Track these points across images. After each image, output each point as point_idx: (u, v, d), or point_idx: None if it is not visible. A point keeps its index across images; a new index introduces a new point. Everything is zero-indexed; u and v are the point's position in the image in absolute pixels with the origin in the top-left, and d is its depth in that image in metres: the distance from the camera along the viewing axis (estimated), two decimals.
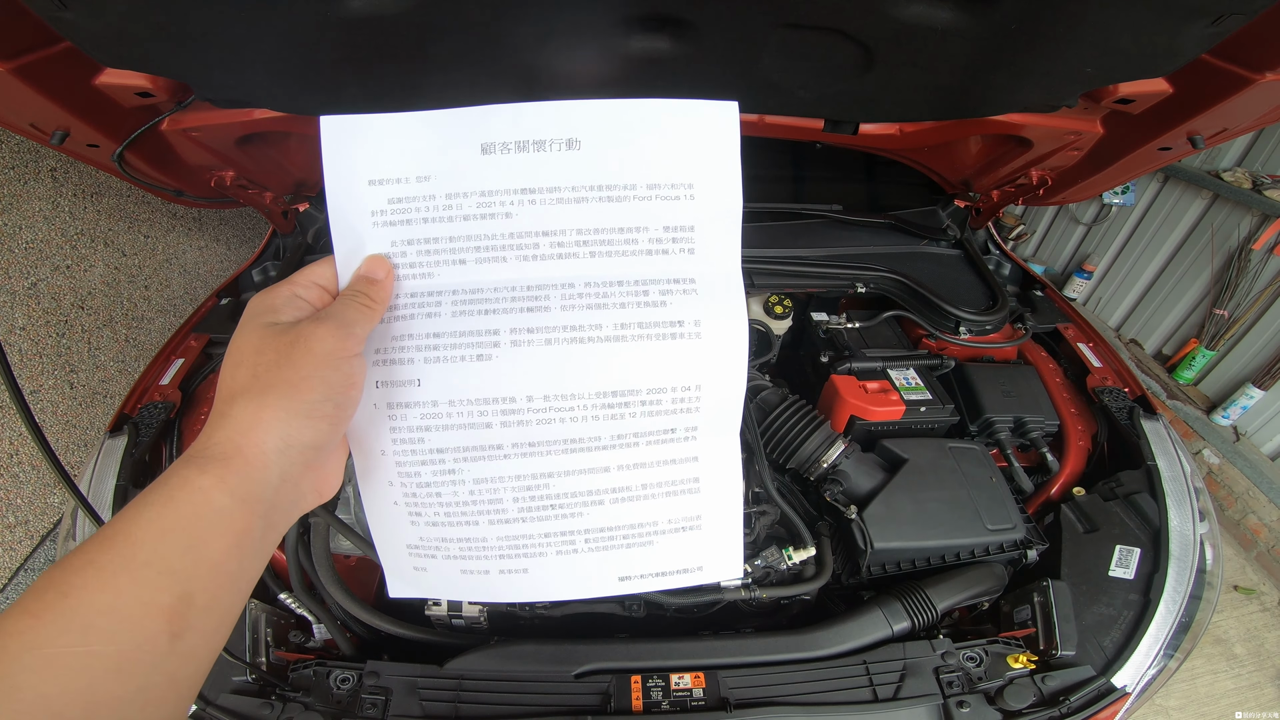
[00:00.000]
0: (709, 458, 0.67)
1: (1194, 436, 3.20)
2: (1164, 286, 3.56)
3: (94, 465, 1.43)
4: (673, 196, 0.63)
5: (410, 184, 0.60)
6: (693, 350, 0.63)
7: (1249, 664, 2.57)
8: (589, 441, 0.63)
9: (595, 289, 0.61)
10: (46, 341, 2.08)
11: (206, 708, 1.11)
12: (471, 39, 1.18)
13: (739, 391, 0.65)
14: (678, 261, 0.63)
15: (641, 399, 0.63)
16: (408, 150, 0.60)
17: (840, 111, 1.49)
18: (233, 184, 1.63)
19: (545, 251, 0.61)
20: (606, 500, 0.65)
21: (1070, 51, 1.14)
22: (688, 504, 0.68)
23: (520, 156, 0.60)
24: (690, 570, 0.69)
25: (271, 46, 1.12)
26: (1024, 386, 1.68)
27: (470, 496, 0.62)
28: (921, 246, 2.03)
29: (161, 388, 1.61)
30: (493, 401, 0.60)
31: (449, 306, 0.60)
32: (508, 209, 0.60)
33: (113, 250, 2.34)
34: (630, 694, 1.13)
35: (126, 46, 1.10)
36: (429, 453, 0.60)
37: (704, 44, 1.18)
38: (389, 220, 0.60)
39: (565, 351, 0.60)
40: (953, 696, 1.13)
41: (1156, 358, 3.61)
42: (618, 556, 0.68)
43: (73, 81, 1.16)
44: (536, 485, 0.63)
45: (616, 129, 0.62)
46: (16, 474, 1.98)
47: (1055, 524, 1.44)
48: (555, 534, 0.66)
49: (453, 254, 0.60)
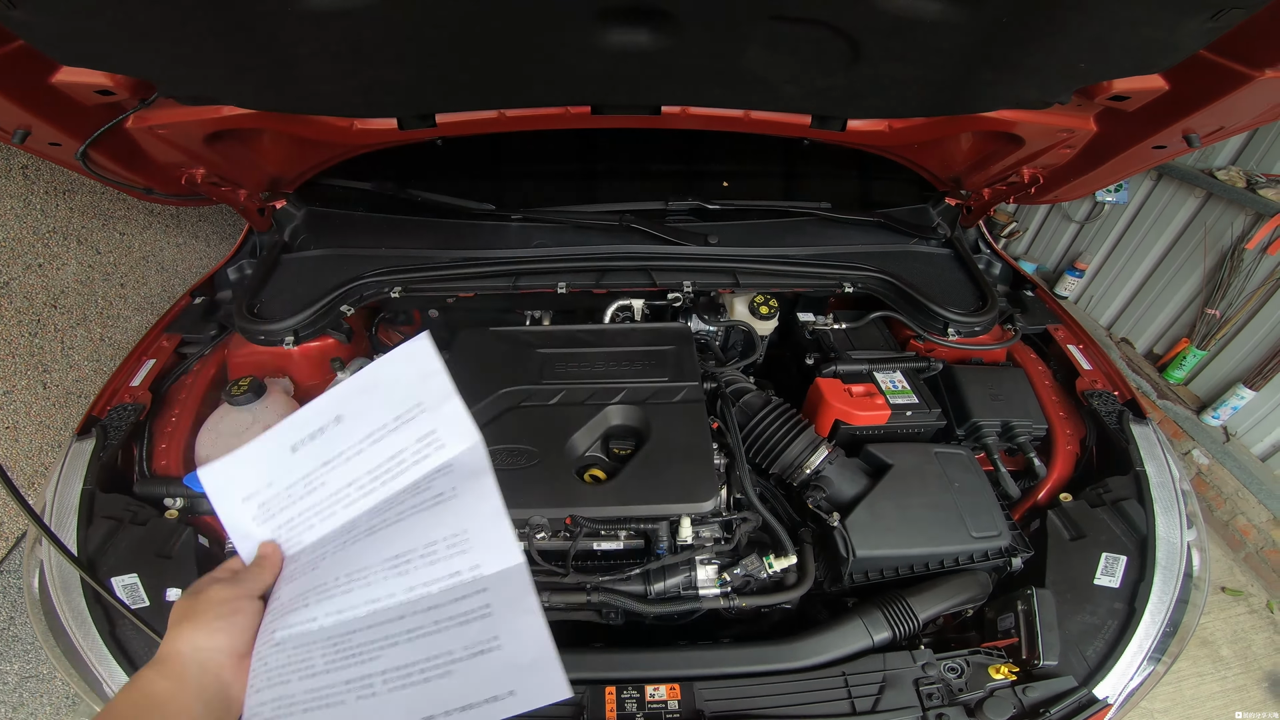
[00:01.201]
0: (495, 584, 0.76)
1: (1184, 437, 3.19)
2: (1156, 285, 3.55)
3: (60, 469, 1.40)
4: (410, 418, 0.87)
5: (264, 491, 0.88)
6: (451, 507, 0.81)
7: (1235, 666, 2.57)
8: (383, 596, 0.78)
9: (384, 506, 0.86)
10: (19, 341, 2.03)
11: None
12: (441, 39, 1.14)
13: (502, 525, 0.79)
14: (429, 458, 0.87)
15: (420, 554, 0.79)
16: (253, 470, 0.88)
17: (827, 107, 1.46)
18: (204, 181, 1.59)
19: (353, 494, 0.87)
20: (401, 641, 0.74)
21: (1064, 46, 1.10)
22: (480, 629, 0.73)
23: (313, 444, 0.88)
24: (501, 697, 0.68)
25: (233, 42, 1.08)
26: (1012, 389, 1.65)
27: (286, 659, 0.76)
28: (911, 245, 2.00)
29: (132, 389, 1.58)
30: (314, 590, 0.81)
31: (309, 559, 0.85)
32: (322, 479, 0.87)
33: (86, 248, 2.29)
34: (604, 706, 1.11)
35: (82, 43, 1.06)
36: (274, 645, 0.78)
37: (685, 37, 1.14)
38: (262, 519, 0.88)
39: (363, 544, 0.82)
40: (932, 709, 1.11)
41: (1147, 357, 3.60)
42: (417, 694, 0.70)
43: (29, 80, 1.12)
44: (341, 640, 0.76)
45: (357, 396, 0.88)
46: None
47: (1041, 530, 1.41)
48: (355, 679, 0.73)
49: (306, 523, 0.87)
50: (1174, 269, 3.44)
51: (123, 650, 1.18)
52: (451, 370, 1.19)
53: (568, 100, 1.47)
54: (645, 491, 1.26)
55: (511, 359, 1.56)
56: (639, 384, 1.48)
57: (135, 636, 1.19)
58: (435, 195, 1.90)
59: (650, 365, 1.54)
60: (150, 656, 1.13)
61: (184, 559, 1.28)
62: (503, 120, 1.52)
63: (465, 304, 1.93)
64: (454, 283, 1.76)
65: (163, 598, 1.23)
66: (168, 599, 1.23)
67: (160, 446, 1.50)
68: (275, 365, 1.70)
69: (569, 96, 1.45)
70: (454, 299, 1.84)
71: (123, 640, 1.19)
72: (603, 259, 1.81)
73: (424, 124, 1.52)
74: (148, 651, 1.18)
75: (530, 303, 1.96)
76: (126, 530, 1.31)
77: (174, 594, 1.24)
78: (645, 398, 1.44)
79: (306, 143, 1.58)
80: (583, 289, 1.77)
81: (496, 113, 1.50)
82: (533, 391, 1.46)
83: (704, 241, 1.85)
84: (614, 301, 1.88)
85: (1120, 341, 3.72)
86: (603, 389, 1.46)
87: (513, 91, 1.42)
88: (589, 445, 1.39)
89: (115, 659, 1.16)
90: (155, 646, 1.15)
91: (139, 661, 1.17)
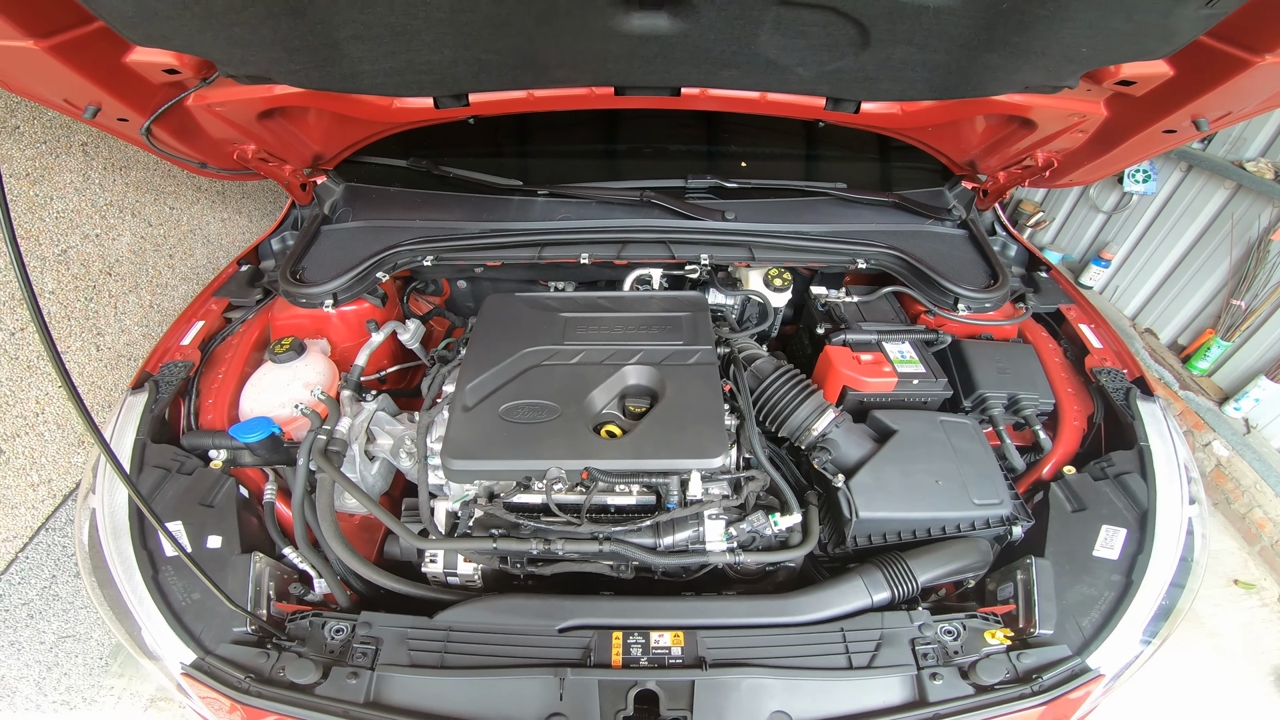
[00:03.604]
0: None
1: (1205, 428, 3.17)
2: (1182, 276, 3.51)
3: (115, 421, 1.51)
4: None
5: None
6: None
7: (1241, 660, 2.55)
8: None
9: None
10: (75, 305, 2.17)
11: (206, 657, 1.17)
12: (473, 22, 1.21)
13: None
14: None
15: None
16: None
17: (840, 89, 1.51)
18: (254, 157, 1.69)
19: None
20: None
21: (1064, 31, 1.15)
22: None
23: None
24: None
25: (286, 24, 1.17)
26: (1020, 364, 1.68)
27: None
28: (926, 225, 2.04)
29: (182, 348, 1.69)
30: None
31: None
32: None
33: (139, 221, 2.43)
34: (611, 649, 1.16)
35: (155, 25, 1.16)
36: None
37: (701, 21, 1.21)
38: None
39: None
40: (927, 668, 1.15)
41: (1171, 348, 3.57)
42: None
43: (104, 59, 1.23)
44: None
45: None
46: (42, 433, 2.06)
47: (1044, 502, 1.44)
48: None
49: None
50: (1201, 260, 3.41)
51: (163, 595, 1.24)
52: (478, 331, 1.28)
53: (592, 81, 1.54)
54: (658, 447, 1.33)
55: (535, 321, 1.64)
56: (655, 346, 1.55)
57: (175, 582, 1.26)
58: (466, 172, 1.98)
59: (667, 330, 1.61)
60: (188, 602, 1.24)
61: (225, 508, 1.36)
62: (531, 100, 1.60)
63: (491, 275, 2.01)
64: (483, 252, 1.84)
65: (203, 545, 1.30)
66: (208, 546, 1.30)
67: (207, 401, 1.61)
68: (314, 328, 1.81)
69: (593, 78, 1.52)
70: (482, 269, 1.92)
71: (163, 585, 1.26)
72: (624, 232, 1.88)
73: (458, 103, 1.61)
74: (186, 597, 1.25)
75: (554, 273, 2.04)
76: (174, 479, 1.40)
77: (214, 541, 1.31)
78: (661, 359, 1.51)
79: (349, 120, 1.67)
80: (604, 260, 1.84)
81: (525, 93, 1.58)
82: (554, 351, 1.54)
83: (721, 217, 1.91)
84: (634, 271, 1.95)
85: (1145, 332, 3.70)
86: (621, 350, 1.53)
87: (540, 72, 1.49)
88: (606, 403, 1.46)
89: (155, 603, 1.23)
90: (196, 592, 1.24)
91: (176, 606, 1.24)
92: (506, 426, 1.37)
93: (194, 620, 1.22)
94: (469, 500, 1.37)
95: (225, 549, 1.31)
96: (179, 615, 1.22)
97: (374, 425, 1.60)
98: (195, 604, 1.24)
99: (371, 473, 1.59)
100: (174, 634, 1.20)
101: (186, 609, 1.24)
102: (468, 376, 1.47)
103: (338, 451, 1.46)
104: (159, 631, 1.20)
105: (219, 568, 1.27)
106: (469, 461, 1.31)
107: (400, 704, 1.11)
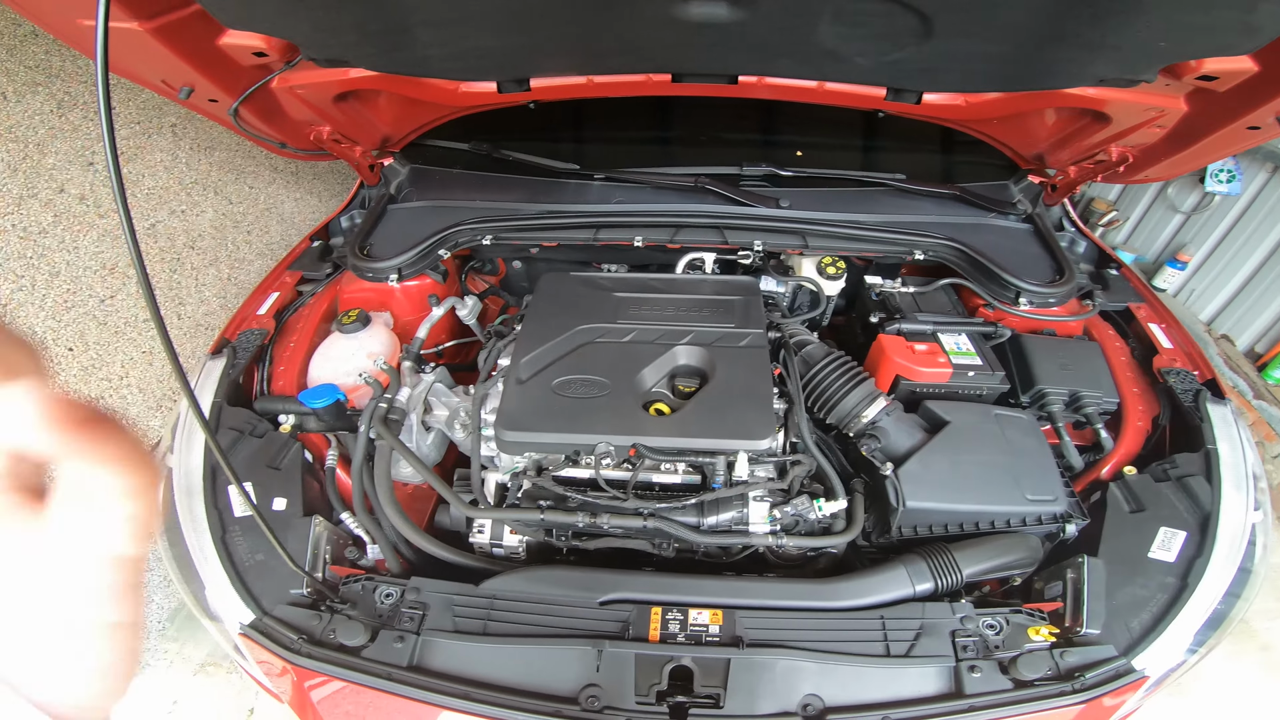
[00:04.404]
0: None
1: (1277, 439, 3.01)
2: (1263, 281, 3.31)
3: (194, 384, 1.59)
4: None
5: None
6: None
7: None
8: None
9: None
10: (160, 276, 2.32)
11: (263, 618, 1.22)
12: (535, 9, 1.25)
13: None
14: None
15: None
16: None
17: (900, 80, 1.49)
18: (329, 138, 1.78)
19: None
20: None
21: (1138, 24, 1.10)
22: None
23: None
24: None
25: (361, 9, 1.23)
26: (1084, 361, 1.62)
27: None
28: (989, 219, 1.98)
29: (258, 317, 1.79)
30: None
31: None
32: None
33: (221, 199, 2.58)
34: (649, 624, 1.18)
35: (244, 8, 1.23)
36: None
37: (760, 10, 1.21)
38: None
39: None
40: (965, 660, 1.12)
41: (1248, 355, 3.39)
42: None
43: (200, 41, 1.30)
44: None
45: None
46: (125, 395, 2.19)
47: (1101, 502, 1.39)
48: None
49: None
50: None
51: (229, 555, 1.30)
52: (534, 307, 1.31)
53: (650, 68, 1.56)
54: (706, 426, 1.34)
55: (589, 300, 1.68)
56: (706, 328, 1.56)
57: (241, 542, 1.32)
58: (525, 155, 2.03)
59: (718, 312, 1.62)
60: (252, 563, 1.27)
61: (290, 472, 1.42)
62: (590, 86, 1.63)
63: (546, 255, 2.06)
64: (540, 232, 1.88)
65: (269, 506, 1.35)
66: (273, 508, 1.35)
67: (279, 368, 1.70)
68: (379, 301, 1.89)
69: (651, 64, 1.55)
70: (537, 249, 1.97)
71: (230, 545, 1.31)
72: (678, 216, 1.89)
73: (520, 88, 1.65)
74: (250, 558, 1.30)
75: (608, 255, 2.07)
76: (246, 441, 1.47)
77: (279, 504, 1.36)
78: (711, 341, 1.52)
79: (417, 103, 1.74)
80: (658, 243, 1.86)
81: (585, 79, 1.61)
82: (607, 329, 1.57)
83: (776, 204, 1.90)
84: (686, 255, 1.96)
85: (1220, 338, 3.51)
86: (672, 330, 1.56)
87: (599, 59, 1.52)
88: (656, 381, 1.49)
89: (221, 562, 1.28)
90: (260, 553, 1.28)
91: (240, 567, 1.28)
92: (558, 400, 1.40)
93: (255, 581, 1.27)
94: (519, 472, 1.41)
95: (289, 511, 1.36)
96: (242, 575, 1.27)
97: (431, 396, 1.66)
98: (258, 565, 1.29)
99: (427, 443, 1.65)
100: (236, 594, 1.24)
101: (249, 569, 1.28)
102: (522, 351, 1.52)
103: (397, 420, 1.52)
104: (223, 591, 1.25)
105: (282, 528, 1.32)
106: (521, 434, 1.36)
107: (440, 668, 1.14)
